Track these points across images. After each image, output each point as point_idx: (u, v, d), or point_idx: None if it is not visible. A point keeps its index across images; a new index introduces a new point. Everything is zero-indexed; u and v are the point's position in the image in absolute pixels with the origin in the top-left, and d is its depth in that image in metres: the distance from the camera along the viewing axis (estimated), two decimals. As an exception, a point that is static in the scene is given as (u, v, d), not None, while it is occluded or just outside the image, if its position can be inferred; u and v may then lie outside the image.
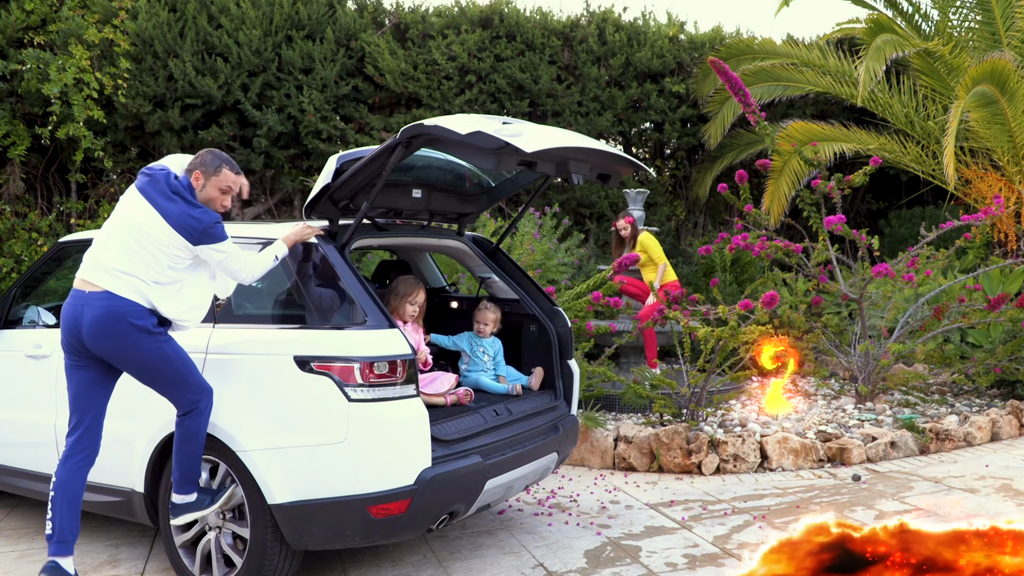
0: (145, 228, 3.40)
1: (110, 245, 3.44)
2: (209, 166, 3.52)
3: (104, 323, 3.36)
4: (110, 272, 3.39)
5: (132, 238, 3.41)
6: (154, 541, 4.48)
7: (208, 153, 3.56)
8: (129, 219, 3.44)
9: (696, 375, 6.02)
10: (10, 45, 8.84)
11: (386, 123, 10.13)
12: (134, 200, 3.47)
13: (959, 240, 6.91)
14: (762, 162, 7.17)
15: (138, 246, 3.40)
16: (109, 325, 3.36)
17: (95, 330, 3.37)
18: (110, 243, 3.45)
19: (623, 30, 10.84)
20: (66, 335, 3.48)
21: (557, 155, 3.65)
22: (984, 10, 9.78)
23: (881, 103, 10.20)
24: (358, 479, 3.38)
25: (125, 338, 3.37)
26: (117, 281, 3.38)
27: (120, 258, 3.40)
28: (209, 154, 3.55)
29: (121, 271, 3.39)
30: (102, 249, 3.46)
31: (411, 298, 4.31)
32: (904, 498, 4.95)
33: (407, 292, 4.31)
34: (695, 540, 4.34)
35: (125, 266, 3.39)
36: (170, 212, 3.39)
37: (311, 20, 9.87)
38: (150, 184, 3.45)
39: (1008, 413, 6.55)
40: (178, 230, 3.39)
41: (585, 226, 10.95)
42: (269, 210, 10.81)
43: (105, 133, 9.35)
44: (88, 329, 3.38)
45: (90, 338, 3.40)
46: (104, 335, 3.38)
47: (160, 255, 3.41)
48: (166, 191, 3.42)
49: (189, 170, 3.54)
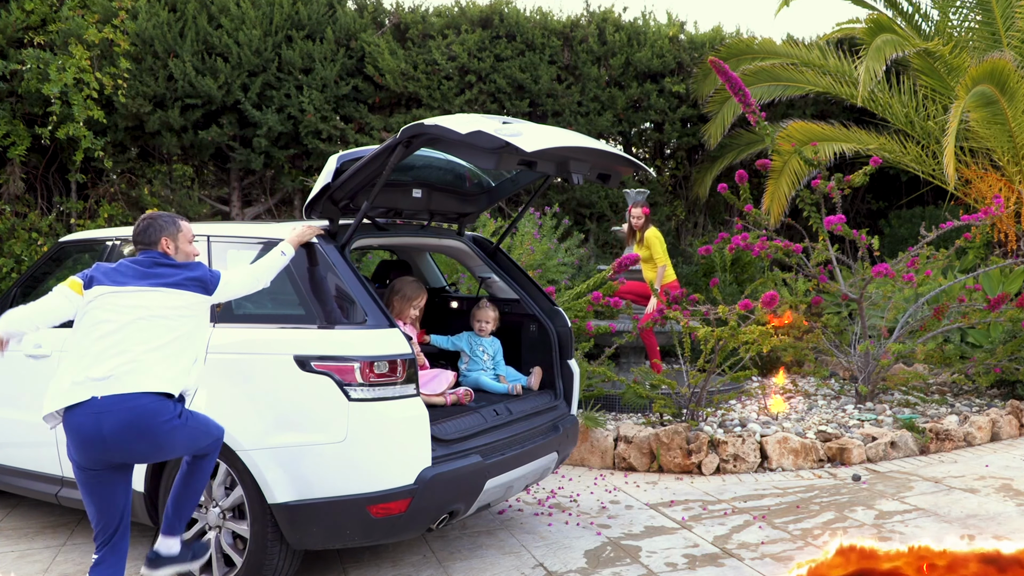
0: (150, 308, 3.17)
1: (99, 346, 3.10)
2: (170, 227, 3.36)
3: (135, 425, 3.04)
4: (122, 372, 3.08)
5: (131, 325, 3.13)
6: (154, 541, 4.48)
7: (154, 220, 3.35)
8: (114, 314, 3.13)
9: (696, 375, 6.02)
10: (10, 45, 8.84)
11: (386, 123, 10.13)
12: (109, 298, 3.16)
13: (959, 240, 6.91)
14: (762, 162, 7.17)
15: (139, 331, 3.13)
16: (140, 426, 3.05)
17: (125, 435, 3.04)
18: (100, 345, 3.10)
19: (623, 30, 10.84)
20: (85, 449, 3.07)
21: (557, 155, 3.65)
22: (984, 10, 9.78)
23: (881, 103, 10.20)
24: (358, 478, 3.38)
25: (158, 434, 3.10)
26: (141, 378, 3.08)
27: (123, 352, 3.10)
28: (159, 219, 3.36)
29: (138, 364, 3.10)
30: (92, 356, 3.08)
31: (416, 302, 4.39)
32: (904, 498, 4.95)
33: (413, 296, 4.39)
34: (695, 540, 4.34)
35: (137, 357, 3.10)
36: (171, 281, 3.23)
37: (311, 20, 9.88)
38: (115, 275, 3.20)
39: (1008, 413, 6.55)
40: (188, 290, 3.24)
41: (585, 226, 10.95)
42: (269, 210, 10.81)
43: (105, 133, 9.35)
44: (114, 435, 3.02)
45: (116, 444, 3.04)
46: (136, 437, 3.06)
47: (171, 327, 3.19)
48: (146, 271, 3.23)
49: (149, 242, 3.32)
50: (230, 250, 3.97)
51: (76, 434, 3.02)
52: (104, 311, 3.13)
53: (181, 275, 3.26)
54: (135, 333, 3.11)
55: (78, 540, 4.53)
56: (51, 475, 4.31)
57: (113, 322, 3.11)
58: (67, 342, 3.19)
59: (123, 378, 3.03)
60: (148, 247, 3.33)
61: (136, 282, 3.19)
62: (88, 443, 3.01)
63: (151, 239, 3.33)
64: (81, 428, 3.00)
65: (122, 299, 3.15)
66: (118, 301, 3.14)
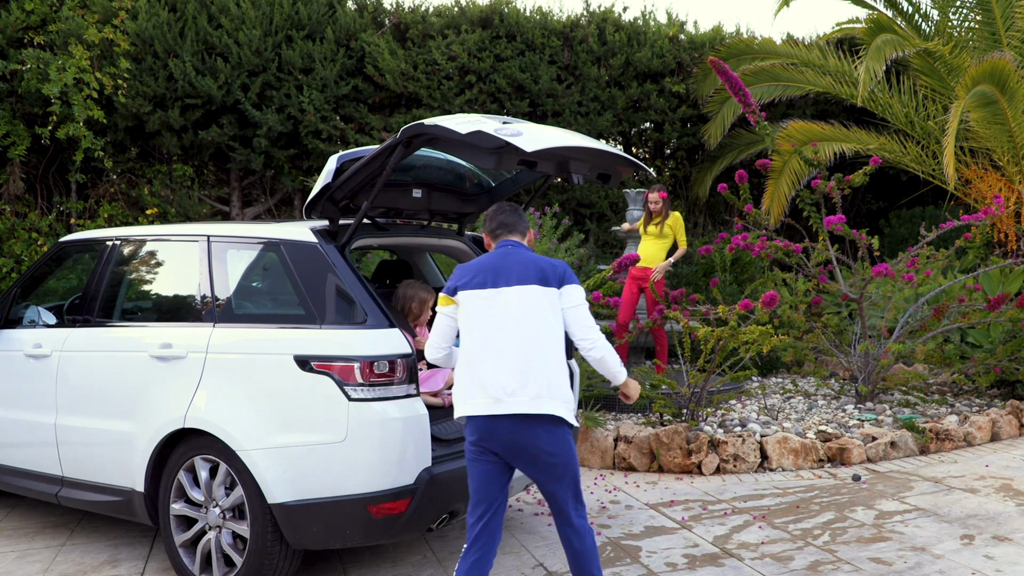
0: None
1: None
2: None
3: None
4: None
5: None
6: (154, 541, 4.48)
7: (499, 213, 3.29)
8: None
9: (696, 375, 6.02)
10: (10, 45, 8.84)
11: (386, 123, 10.13)
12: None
13: (959, 240, 6.91)
14: (762, 162, 7.17)
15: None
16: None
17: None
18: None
19: (623, 30, 10.84)
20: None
21: (557, 155, 3.65)
22: (984, 10, 9.78)
23: (881, 103, 10.20)
24: (358, 478, 3.38)
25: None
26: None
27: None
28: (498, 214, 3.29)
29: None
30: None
31: (431, 303, 4.44)
32: (904, 498, 4.95)
33: (428, 298, 4.45)
34: (695, 540, 4.34)
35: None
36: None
37: (311, 20, 9.88)
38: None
39: (1008, 413, 6.55)
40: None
41: (585, 226, 10.94)
42: (269, 210, 10.82)
43: (105, 133, 9.35)
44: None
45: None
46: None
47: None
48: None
49: (496, 229, 3.25)
50: (230, 250, 3.97)
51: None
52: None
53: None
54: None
55: (78, 540, 4.53)
56: (51, 475, 4.31)
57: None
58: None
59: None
60: (516, 237, 3.25)
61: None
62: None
63: (518, 230, 3.26)
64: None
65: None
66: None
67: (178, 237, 4.24)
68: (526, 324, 2.98)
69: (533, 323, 2.99)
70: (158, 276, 4.36)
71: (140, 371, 3.91)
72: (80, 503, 4.19)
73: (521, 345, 2.96)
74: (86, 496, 4.15)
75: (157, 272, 4.36)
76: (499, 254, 3.13)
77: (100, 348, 4.14)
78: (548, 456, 2.95)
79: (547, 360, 2.99)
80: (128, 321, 4.28)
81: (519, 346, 2.96)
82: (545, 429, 2.94)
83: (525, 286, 3.01)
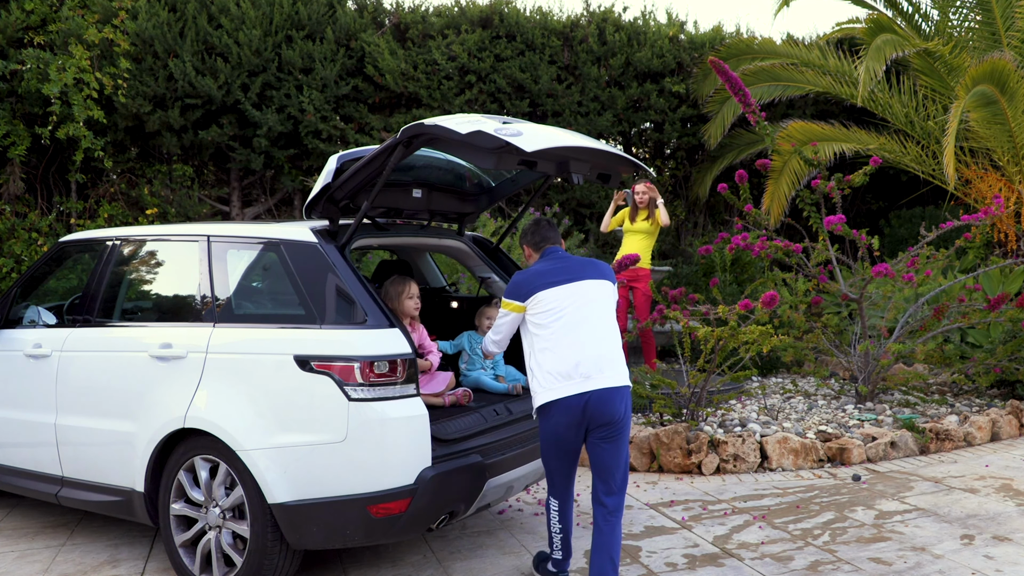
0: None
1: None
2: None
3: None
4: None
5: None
6: (154, 541, 4.48)
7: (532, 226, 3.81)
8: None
9: (696, 375, 6.02)
10: (10, 45, 8.85)
11: (386, 123, 10.13)
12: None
13: (959, 240, 6.91)
14: (762, 162, 7.17)
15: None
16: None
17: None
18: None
19: (623, 30, 10.84)
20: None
21: (557, 155, 3.65)
22: (984, 10, 9.78)
23: (881, 103, 10.20)
24: (358, 478, 3.38)
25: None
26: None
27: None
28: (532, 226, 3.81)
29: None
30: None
31: (406, 293, 4.22)
32: (904, 498, 4.95)
33: (400, 290, 4.23)
34: (695, 540, 4.34)
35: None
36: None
37: (311, 20, 9.88)
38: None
39: (1008, 413, 6.55)
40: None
41: (585, 226, 10.95)
42: (269, 210, 10.82)
43: (105, 133, 9.35)
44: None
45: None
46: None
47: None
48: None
49: (540, 241, 3.78)
50: (230, 250, 3.96)
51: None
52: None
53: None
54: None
55: (78, 540, 4.53)
56: (51, 475, 4.31)
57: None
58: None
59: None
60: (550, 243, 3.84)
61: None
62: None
63: (543, 239, 3.82)
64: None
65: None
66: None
67: (178, 237, 4.24)
68: (599, 310, 3.50)
69: (603, 310, 3.52)
70: (158, 276, 4.36)
71: (140, 371, 3.91)
72: (80, 503, 4.19)
73: (601, 328, 3.48)
74: (86, 496, 4.15)
75: (157, 272, 4.36)
76: (555, 258, 3.64)
77: (100, 348, 4.14)
78: (625, 417, 3.47)
79: (617, 340, 3.54)
80: (128, 321, 4.28)
81: (600, 329, 3.47)
82: (622, 396, 3.47)
83: (593, 280, 3.54)
